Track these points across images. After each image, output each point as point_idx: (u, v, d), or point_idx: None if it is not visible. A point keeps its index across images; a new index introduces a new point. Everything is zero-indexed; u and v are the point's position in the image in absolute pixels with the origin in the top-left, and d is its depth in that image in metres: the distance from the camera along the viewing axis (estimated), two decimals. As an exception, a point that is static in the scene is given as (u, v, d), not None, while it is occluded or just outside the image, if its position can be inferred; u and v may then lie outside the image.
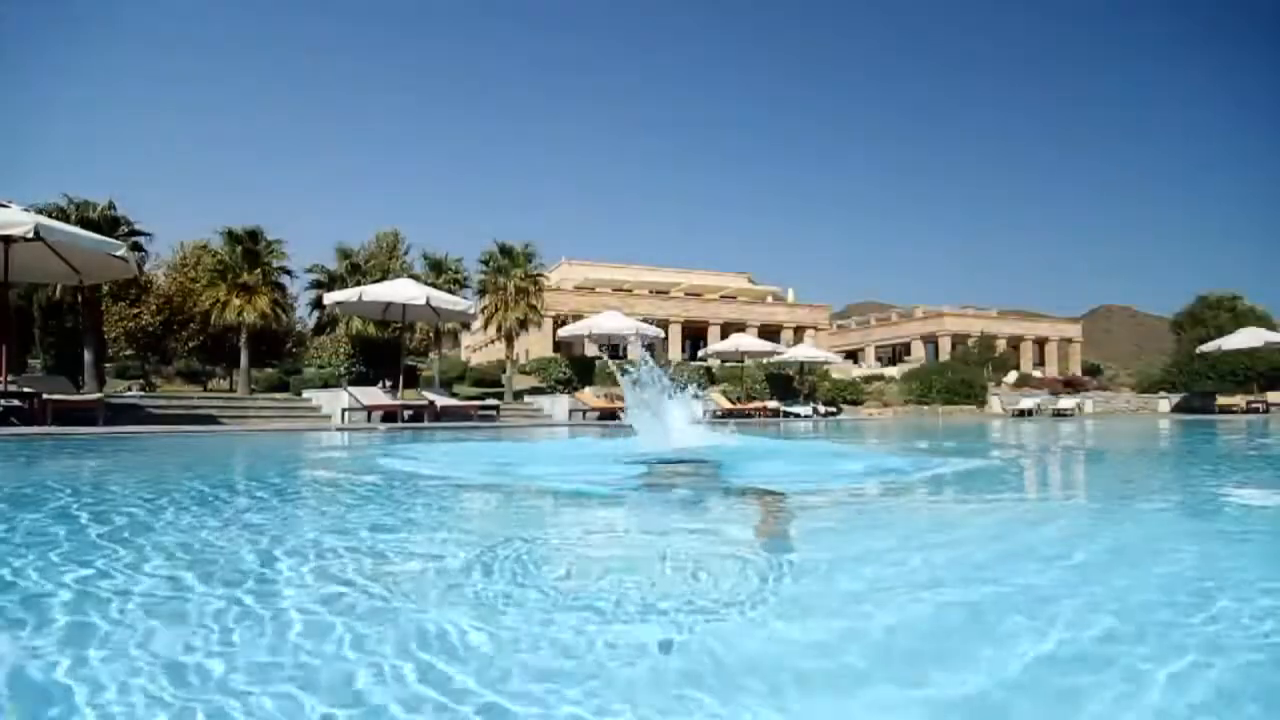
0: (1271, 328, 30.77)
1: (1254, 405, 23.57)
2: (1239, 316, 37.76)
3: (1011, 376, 35.77)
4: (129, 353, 25.08)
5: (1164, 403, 28.22)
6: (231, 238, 20.90)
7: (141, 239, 20.51)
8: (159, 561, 1.96)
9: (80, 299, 18.19)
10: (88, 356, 17.54)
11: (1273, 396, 24.22)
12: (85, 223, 16.83)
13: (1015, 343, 48.62)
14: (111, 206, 19.35)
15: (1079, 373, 44.51)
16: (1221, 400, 24.23)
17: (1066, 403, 26.83)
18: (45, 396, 10.31)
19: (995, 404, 27.66)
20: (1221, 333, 28.82)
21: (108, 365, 23.55)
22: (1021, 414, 24.95)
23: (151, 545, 2.18)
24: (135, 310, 23.21)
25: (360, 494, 3.76)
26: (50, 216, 13.52)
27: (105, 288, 19.86)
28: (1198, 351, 27.82)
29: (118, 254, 10.98)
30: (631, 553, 2.24)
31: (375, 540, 2.34)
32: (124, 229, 19.42)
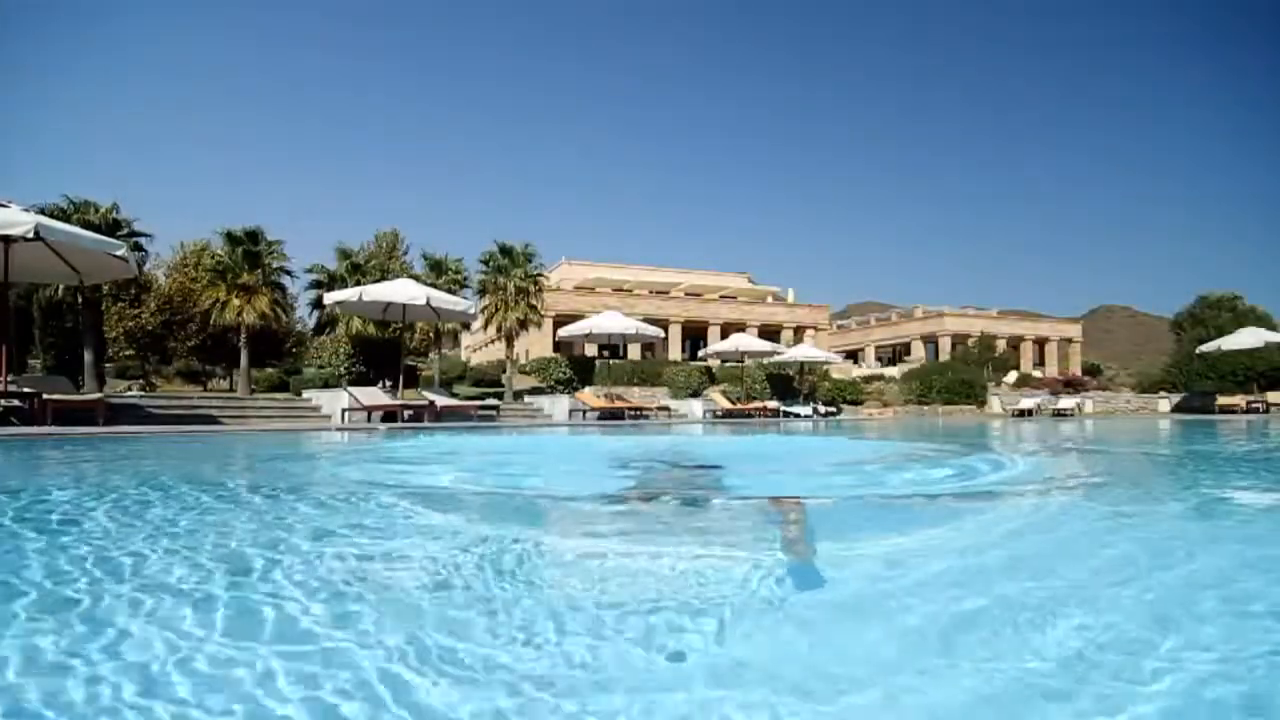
0: (1272, 328, 30.75)
1: (1254, 405, 23.56)
2: (1239, 316, 37.71)
3: (1012, 376, 35.76)
4: (129, 353, 25.07)
5: (1164, 403, 28.20)
6: (231, 239, 20.88)
7: (142, 239, 20.52)
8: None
9: (80, 299, 18.19)
10: (88, 357, 17.55)
11: (1273, 396, 24.21)
12: (86, 225, 16.82)
13: (1015, 343, 48.62)
14: (115, 209, 19.35)
15: (1079, 373, 44.48)
16: (1222, 400, 24.21)
17: (1067, 403, 26.80)
18: (45, 397, 10.31)
19: (995, 404, 27.64)
20: (1222, 333, 28.77)
21: (108, 365, 23.54)
22: (1021, 414, 24.93)
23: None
24: (135, 310, 23.21)
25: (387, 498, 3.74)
26: (50, 218, 13.52)
27: (105, 288, 19.85)
28: (1198, 351, 27.79)
29: (118, 254, 10.98)
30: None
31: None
32: (125, 230, 19.43)
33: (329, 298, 15.96)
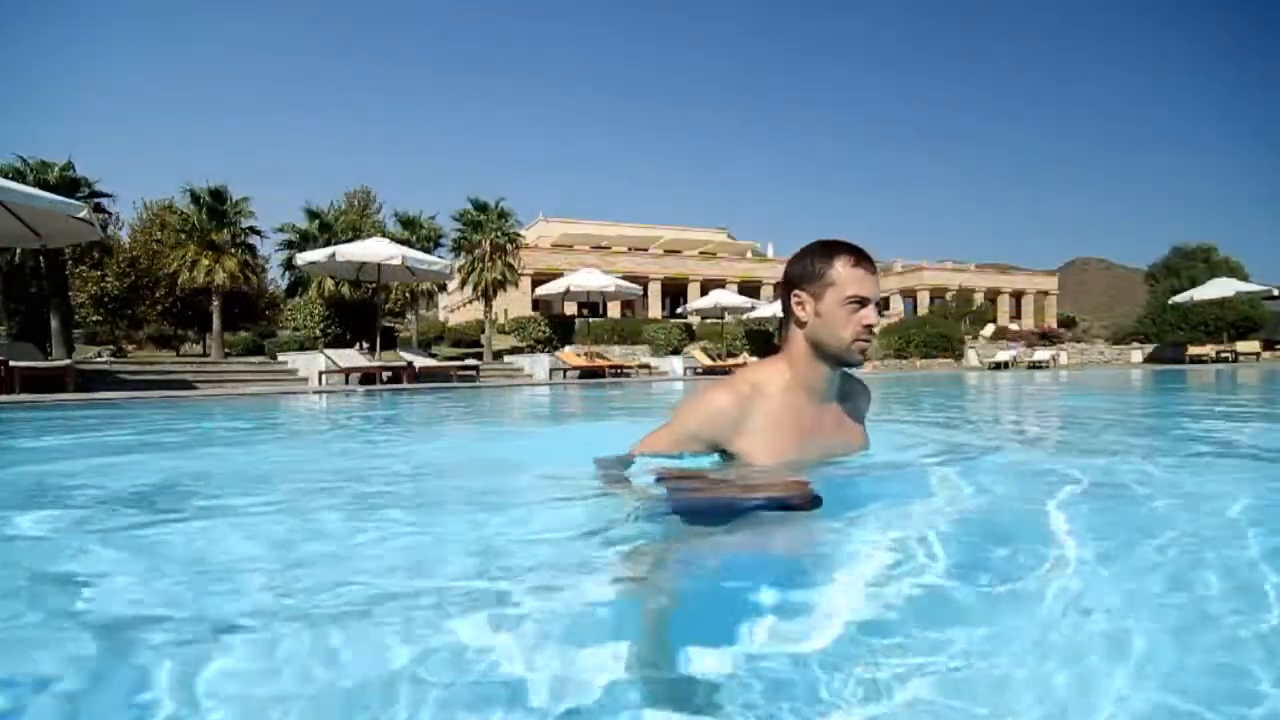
0: (1244, 278, 31.23)
1: (1223, 355, 24.01)
2: (1213, 267, 38.27)
3: (989, 329, 36.12)
4: (97, 318, 24.53)
5: (1136, 353, 28.68)
6: (195, 198, 20.27)
7: (103, 199, 19.88)
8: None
9: (43, 263, 17.66)
10: (54, 323, 17.10)
11: (1242, 346, 24.67)
12: (43, 185, 16.25)
13: (993, 296, 49.02)
14: (70, 167, 18.68)
15: (1054, 325, 45.06)
16: (1192, 350, 24.64)
17: (1042, 354, 27.17)
18: (12, 364, 10.08)
19: (972, 357, 27.95)
20: (1195, 284, 29.18)
21: (76, 331, 23.03)
22: (998, 366, 25.24)
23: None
24: (99, 273, 22.65)
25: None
26: (5, 178, 13.01)
27: (67, 251, 19.29)
28: (1170, 302, 28.19)
29: (79, 215, 10.61)
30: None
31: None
32: (85, 190, 18.81)
33: (301, 258, 15.62)
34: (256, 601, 1.21)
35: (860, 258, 1.73)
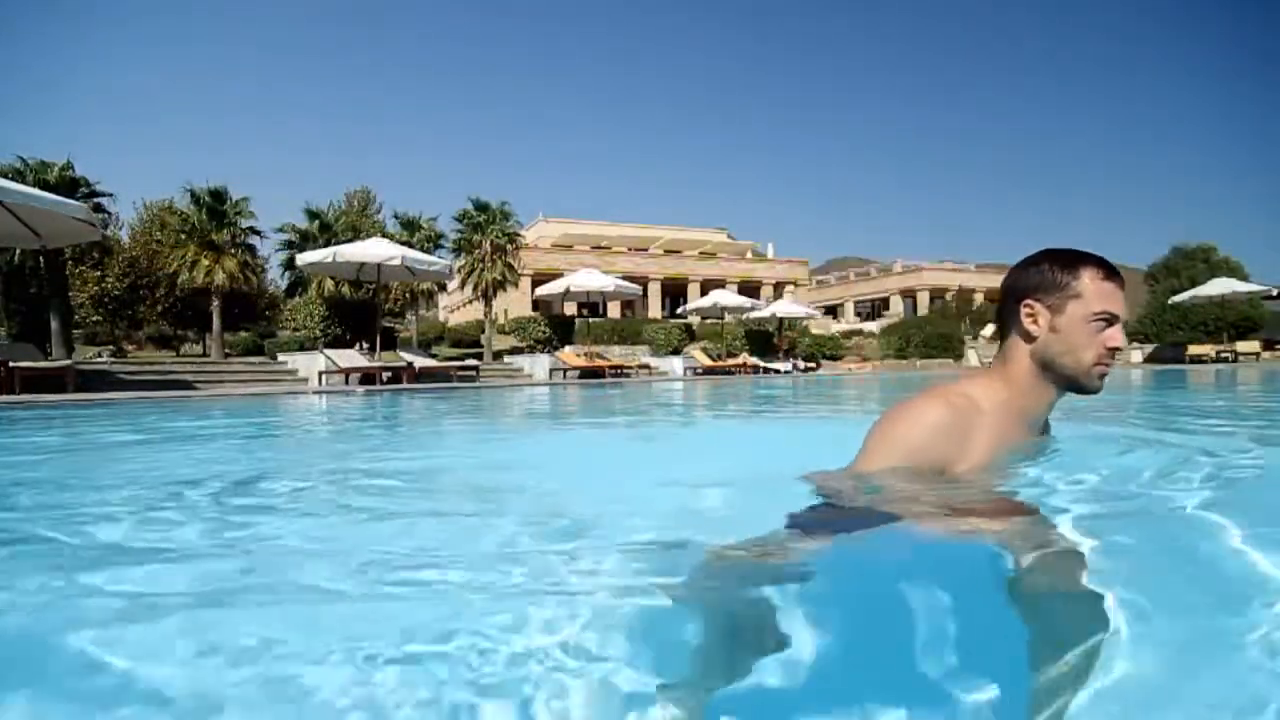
0: (1244, 278, 31.24)
1: (1223, 355, 23.99)
2: (1213, 267, 38.25)
3: (989, 329, 36.12)
4: (97, 318, 24.53)
5: (1136, 353, 28.67)
6: (195, 198, 20.27)
7: (103, 199, 19.89)
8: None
9: (43, 263, 17.65)
10: (54, 323, 17.09)
11: (1242, 346, 24.64)
12: (43, 186, 16.25)
13: (993, 296, 48.98)
14: (70, 167, 18.68)
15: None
16: (1192, 350, 24.61)
17: (1042, 355, 27.11)
18: (12, 364, 10.09)
19: (972, 357, 27.97)
20: (1195, 284, 29.16)
21: (76, 332, 23.03)
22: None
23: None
24: (98, 274, 22.64)
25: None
26: (4, 179, 13.01)
27: (67, 251, 19.28)
28: (1170, 302, 28.18)
29: (79, 215, 10.62)
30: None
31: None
32: (84, 190, 18.81)
33: (301, 259, 15.63)
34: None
35: (1111, 271, 1.52)
